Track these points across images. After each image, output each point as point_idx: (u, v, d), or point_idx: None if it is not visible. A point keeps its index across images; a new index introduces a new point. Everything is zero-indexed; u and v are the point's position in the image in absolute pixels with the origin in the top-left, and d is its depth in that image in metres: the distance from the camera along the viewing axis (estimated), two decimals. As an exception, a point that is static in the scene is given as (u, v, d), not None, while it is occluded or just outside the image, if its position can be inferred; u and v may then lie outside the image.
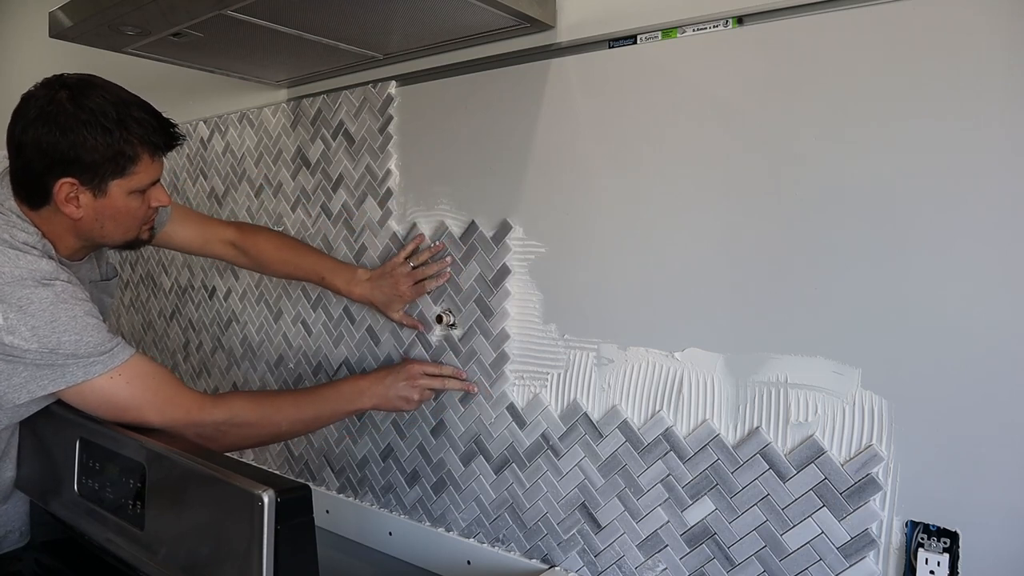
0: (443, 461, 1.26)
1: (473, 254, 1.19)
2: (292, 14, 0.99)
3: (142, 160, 0.99)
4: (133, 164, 0.98)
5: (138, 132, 0.97)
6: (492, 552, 1.19)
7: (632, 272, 1.02)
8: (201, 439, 1.02)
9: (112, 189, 0.98)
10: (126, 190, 1.00)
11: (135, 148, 0.98)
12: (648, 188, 1.00)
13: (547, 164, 1.10)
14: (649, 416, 1.01)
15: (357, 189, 1.37)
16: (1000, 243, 0.76)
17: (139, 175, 1.00)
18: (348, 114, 1.38)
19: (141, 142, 0.98)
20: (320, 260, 1.33)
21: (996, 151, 0.75)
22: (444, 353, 1.24)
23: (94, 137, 0.94)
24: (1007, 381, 0.76)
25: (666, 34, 0.98)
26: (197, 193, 1.78)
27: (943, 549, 0.79)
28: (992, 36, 0.76)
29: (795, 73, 0.88)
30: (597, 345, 1.06)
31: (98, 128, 0.94)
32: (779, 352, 0.90)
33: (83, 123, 0.94)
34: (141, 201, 1.04)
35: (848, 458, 0.85)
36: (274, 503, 0.81)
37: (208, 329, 1.77)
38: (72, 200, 0.97)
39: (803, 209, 0.87)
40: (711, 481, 0.95)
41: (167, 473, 0.96)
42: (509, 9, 0.98)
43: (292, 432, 1.14)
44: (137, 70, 1.55)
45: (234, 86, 1.58)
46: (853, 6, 0.83)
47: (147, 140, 0.99)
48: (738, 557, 0.93)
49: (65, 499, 1.13)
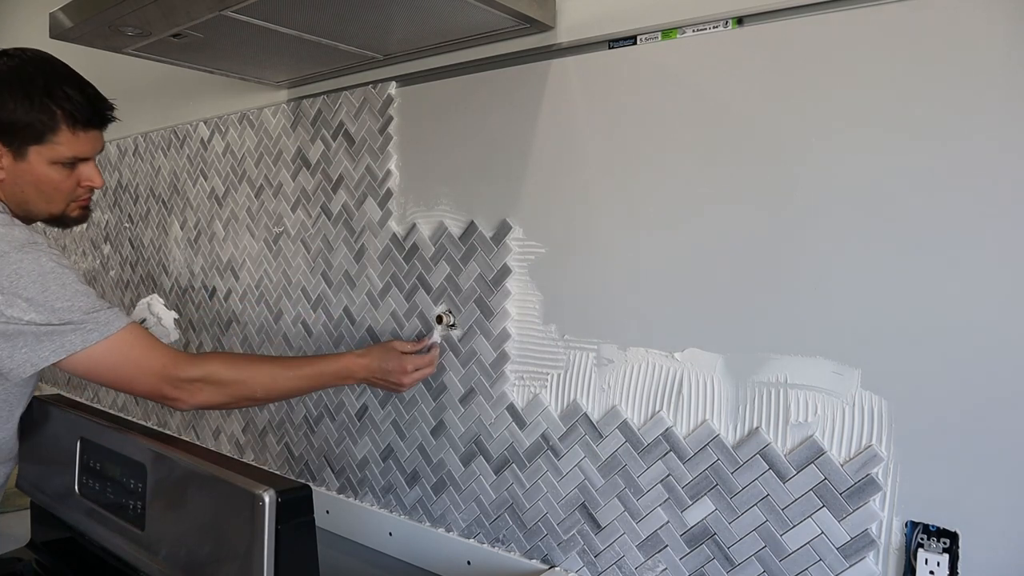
0: (443, 461, 1.26)
1: (473, 254, 1.19)
2: (292, 15, 0.99)
3: (61, 131, 1.03)
4: (52, 133, 1.03)
5: (61, 103, 1.02)
6: (492, 552, 1.19)
7: (632, 272, 1.02)
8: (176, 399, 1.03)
9: (31, 155, 1.03)
10: (46, 159, 1.04)
11: (55, 118, 1.02)
12: (648, 188, 1.00)
13: (547, 164, 1.10)
14: (649, 416, 1.01)
15: (357, 190, 1.38)
16: (1000, 243, 0.76)
17: (59, 147, 1.04)
18: (348, 115, 1.38)
19: (63, 113, 1.03)
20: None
21: (996, 151, 0.76)
22: (444, 353, 1.24)
23: (14, 101, 1.00)
24: (1007, 381, 0.76)
25: (666, 35, 0.98)
26: (197, 194, 1.78)
27: (943, 549, 0.79)
28: (993, 36, 0.76)
29: (795, 73, 0.88)
30: (597, 345, 1.06)
31: (21, 93, 1.00)
32: (779, 352, 0.90)
33: (8, 86, 1.00)
34: (67, 175, 1.07)
35: (848, 458, 0.85)
36: (275, 503, 0.81)
37: (208, 329, 1.77)
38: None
39: (803, 209, 0.88)
40: (711, 481, 0.95)
41: (168, 473, 0.96)
42: (509, 10, 0.98)
43: (267, 400, 1.14)
44: (137, 71, 1.56)
45: (234, 87, 1.58)
46: (853, 6, 0.84)
47: (69, 113, 1.03)
48: (738, 557, 0.93)
49: (65, 499, 1.13)
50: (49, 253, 0.99)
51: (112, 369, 1.00)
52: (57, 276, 0.97)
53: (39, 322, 0.94)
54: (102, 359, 0.98)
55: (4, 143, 1.02)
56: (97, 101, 1.06)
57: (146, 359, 1.01)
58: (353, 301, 1.40)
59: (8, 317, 0.94)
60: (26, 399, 1.12)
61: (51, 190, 1.07)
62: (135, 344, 1.01)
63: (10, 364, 0.96)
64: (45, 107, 1.01)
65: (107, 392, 2.16)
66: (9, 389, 1.06)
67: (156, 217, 1.93)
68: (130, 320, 1.02)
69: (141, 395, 1.03)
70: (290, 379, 1.11)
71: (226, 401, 1.08)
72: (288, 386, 1.12)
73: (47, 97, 1.01)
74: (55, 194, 1.08)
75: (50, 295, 0.95)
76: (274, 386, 1.10)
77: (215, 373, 1.04)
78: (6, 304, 0.93)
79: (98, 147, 1.10)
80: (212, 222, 1.74)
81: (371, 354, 1.18)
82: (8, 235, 0.98)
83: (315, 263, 1.47)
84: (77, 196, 1.11)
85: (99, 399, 2.20)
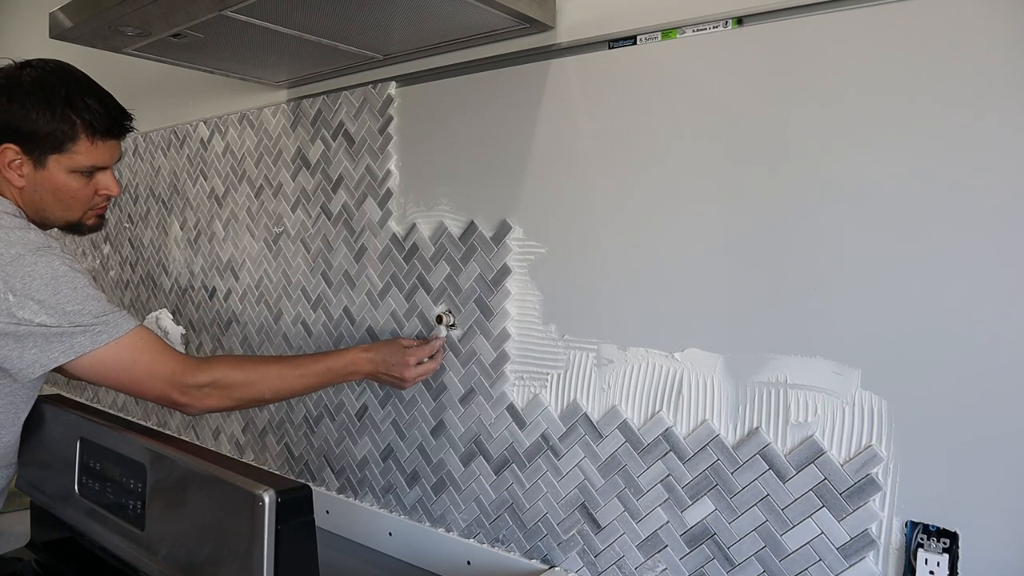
0: (443, 461, 1.26)
1: (473, 254, 1.19)
2: (292, 15, 0.99)
3: (80, 140, 1.05)
4: (71, 142, 1.05)
5: (81, 114, 1.04)
6: (492, 552, 1.19)
7: (632, 272, 1.02)
8: (184, 404, 1.04)
9: (51, 163, 1.05)
10: (65, 167, 1.06)
11: (74, 128, 1.04)
12: (648, 188, 1.00)
13: (547, 164, 1.10)
14: (649, 416, 1.01)
15: (357, 190, 1.38)
16: (1000, 243, 0.76)
17: (79, 155, 1.06)
18: (348, 115, 1.38)
19: (83, 123, 1.05)
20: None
21: (997, 151, 0.76)
22: (444, 354, 1.24)
23: (36, 111, 1.02)
24: (1007, 381, 0.76)
25: (666, 35, 0.98)
26: (197, 194, 1.78)
27: (943, 549, 0.79)
28: (994, 36, 0.76)
29: (795, 73, 0.88)
30: (597, 345, 1.06)
31: (43, 104, 1.03)
32: (779, 352, 0.90)
33: (31, 97, 1.03)
34: (85, 183, 1.09)
35: (848, 458, 0.85)
36: (275, 503, 0.81)
37: (208, 329, 1.77)
38: (16, 167, 1.05)
39: (803, 209, 0.88)
40: (711, 481, 0.95)
41: (168, 473, 0.96)
42: (509, 10, 0.98)
43: (276, 399, 1.15)
44: (137, 71, 1.55)
45: (234, 87, 1.58)
46: (853, 6, 0.84)
47: (88, 122, 1.05)
48: (738, 557, 0.93)
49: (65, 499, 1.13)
50: (62, 257, 1.00)
51: (122, 372, 1.00)
52: (69, 280, 0.98)
53: (50, 324, 0.95)
54: (112, 361, 0.99)
55: (25, 152, 1.04)
56: (116, 111, 1.09)
57: (156, 364, 1.02)
58: (353, 301, 1.40)
59: (19, 319, 0.95)
60: (31, 403, 1.12)
61: (69, 198, 1.09)
62: (144, 349, 1.01)
63: (19, 364, 0.97)
64: (66, 117, 1.04)
65: (107, 392, 2.16)
66: (16, 391, 1.06)
67: (156, 217, 1.93)
68: (138, 323, 1.02)
69: (149, 399, 1.04)
70: (297, 378, 1.12)
71: (233, 405, 1.09)
72: (296, 385, 1.12)
73: (68, 107, 1.04)
74: (73, 202, 1.10)
75: (61, 298, 0.96)
76: (282, 386, 1.11)
77: (223, 377, 1.05)
78: (18, 306, 0.94)
79: (116, 156, 1.12)
80: (212, 222, 1.74)
81: (375, 348, 1.19)
82: (24, 238, 0.99)
83: (315, 263, 1.47)
84: (94, 204, 1.14)
85: (99, 399, 2.20)
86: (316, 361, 1.15)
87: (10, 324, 0.94)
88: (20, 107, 1.02)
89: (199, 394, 1.03)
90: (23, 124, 1.02)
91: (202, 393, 1.04)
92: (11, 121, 1.02)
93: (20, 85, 1.03)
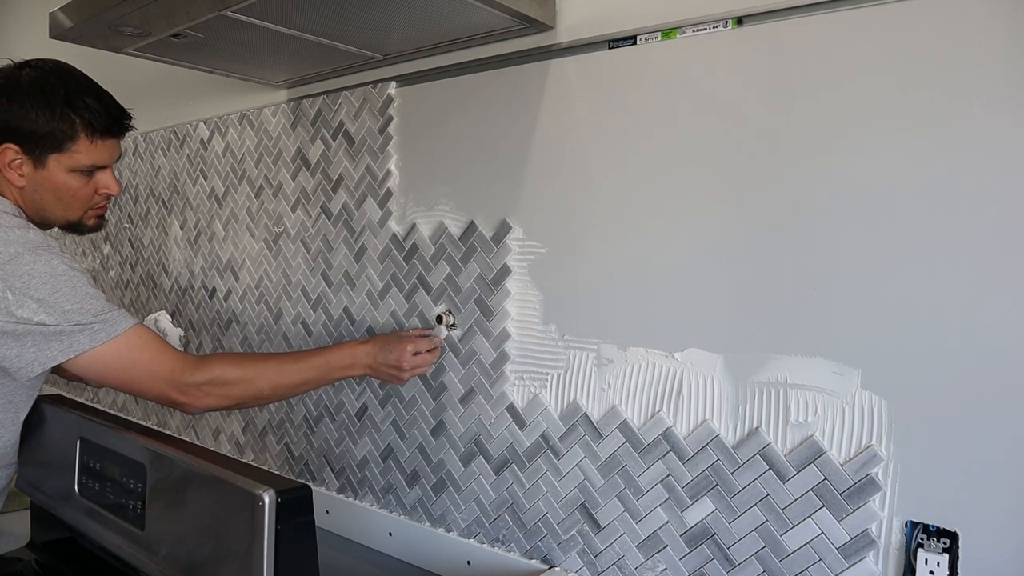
0: (443, 461, 1.26)
1: (473, 254, 1.19)
2: (292, 15, 0.99)
3: (80, 139, 1.06)
4: (71, 142, 1.05)
5: (80, 113, 1.05)
6: (492, 552, 1.19)
7: (632, 272, 1.02)
8: (184, 403, 1.03)
9: (51, 163, 1.06)
10: (65, 167, 1.06)
11: (74, 127, 1.05)
12: (648, 189, 1.00)
13: (547, 164, 1.10)
14: (649, 416, 1.01)
15: (357, 189, 1.38)
16: (1000, 243, 0.76)
17: (78, 154, 1.06)
18: (348, 114, 1.38)
19: (82, 122, 1.05)
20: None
21: (997, 151, 0.76)
22: (444, 354, 1.24)
23: (36, 110, 1.03)
24: (1007, 381, 0.76)
25: (666, 35, 0.98)
26: (197, 194, 1.78)
27: (943, 549, 0.79)
28: (994, 37, 0.76)
29: (795, 73, 0.88)
30: (597, 345, 1.06)
31: (43, 104, 1.03)
32: (779, 352, 0.90)
33: (30, 96, 1.03)
34: (85, 183, 1.10)
35: (848, 458, 0.85)
36: (275, 503, 0.81)
37: (208, 329, 1.77)
38: (16, 167, 1.05)
39: (803, 209, 0.88)
40: (711, 481, 0.95)
41: (168, 473, 0.96)
42: (509, 10, 0.98)
43: (275, 396, 1.14)
44: (137, 71, 1.55)
45: (234, 87, 1.58)
46: (853, 6, 0.84)
47: (88, 121, 1.05)
48: (738, 557, 0.93)
49: (65, 499, 1.13)
50: (61, 256, 1.00)
51: (120, 371, 1.00)
52: (68, 279, 0.98)
53: (48, 323, 0.95)
54: (110, 360, 0.99)
55: (25, 151, 1.04)
56: (115, 110, 1.09)
57: (154, 363, 1.02)
58: (353, 301, 1.40)
59: (18, 317, 0.95)
60: (30, 402, 1.12)
61: (69, 197, 1.09)
62: (143, 347, 1.01)
63: (18, 363, 0.97)
64: (65, 116, 1.04)
65: (107, 392, 2.16)
66: (15, 390, 1.06)
67: (156, 217, 1.93)
68: (137, 322, 1.02)
69: (149, 398, 1.04)
70: (295, 372, 1.11)
71: (233, 404, 1.08)
72: (294, 379, 1.11)
73: (67, 107, 1.04)
74: (73, 201, 1.10)
75: (60, 297, 0.96)
76: (280, 381, 1.10)
77: (221, 375, 1.05)
78: (17, 304, 0.95)
79: (116, 155, 1.12)
80: (212, 222, 1.74)
81: (373, 339, 1.19)
82: (23, 237, 0.99)
83: (315, 263, 1.47)
84: (95, 204, 1.14)
85: (99, 399, 2.20)
86: (315, 355, 1.15)
87: (9, 323, 0.95)
88: (20, 107, 1.02)
89: (198, 393, 1.03)
90: (23, 124, 1.03)
91: (201, 392, 1.03)
92: (11, 121, 1.03)
93: (20, 85, 1.03)
